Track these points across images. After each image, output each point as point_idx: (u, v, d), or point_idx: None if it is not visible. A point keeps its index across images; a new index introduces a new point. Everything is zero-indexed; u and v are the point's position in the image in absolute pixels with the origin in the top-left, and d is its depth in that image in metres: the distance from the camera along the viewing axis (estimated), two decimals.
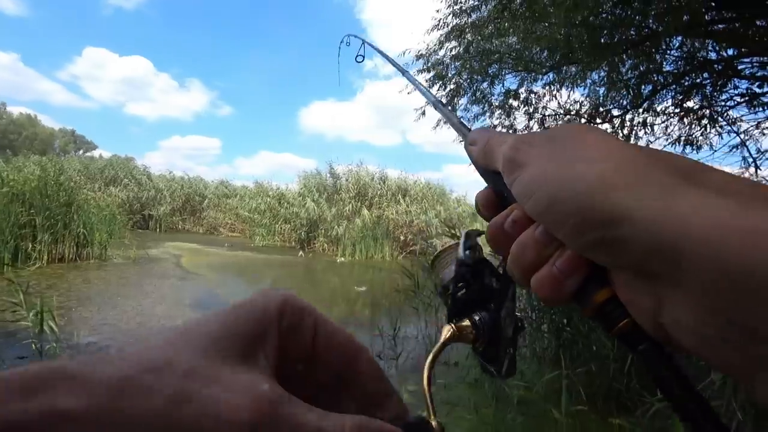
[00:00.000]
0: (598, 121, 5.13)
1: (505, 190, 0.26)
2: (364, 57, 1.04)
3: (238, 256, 12.52)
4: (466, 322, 0.32)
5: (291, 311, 0.23)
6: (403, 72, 0.71)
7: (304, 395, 0.20)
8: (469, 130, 0.35)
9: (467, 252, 0.32)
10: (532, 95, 5.39)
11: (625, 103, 4.94)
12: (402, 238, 14.85)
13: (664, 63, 4.74)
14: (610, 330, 0.21)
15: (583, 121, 5.15)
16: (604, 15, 4.21)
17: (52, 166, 9.93)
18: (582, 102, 5.32)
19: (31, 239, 8.01)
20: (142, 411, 0.17)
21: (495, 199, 0.27)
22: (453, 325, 0.32)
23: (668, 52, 4.61)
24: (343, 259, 13.31)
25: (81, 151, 48.15)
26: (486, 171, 0.29)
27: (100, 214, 9.78)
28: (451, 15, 5.19)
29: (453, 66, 5.34)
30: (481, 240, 0.34)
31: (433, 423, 0.24)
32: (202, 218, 19.83)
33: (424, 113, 5.47)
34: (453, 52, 5.27)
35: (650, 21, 4.26)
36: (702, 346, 0.17)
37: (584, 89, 5.28)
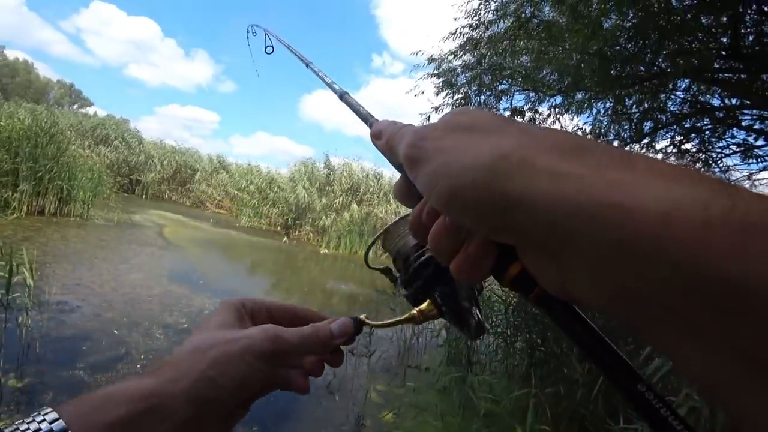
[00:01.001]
0: None
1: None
2: (273, 48, 1.05)
3: (221, 234, 12.39)
4: (427, 303, 0.38)
5: (249, 303, 0.40)
6: (307, 64, 0.73)
7: None
8: (375, 120, 0.36)
9: None
10: (537, 115, 5.44)
11: (626, 136, 5.02)
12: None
13: (669, 103, 4.84)
14: (527, 297, 0.24)
15: None
16: (617, 47, 4.27)
17: (45, 116, 9.69)
18: (584, 129, 5.39)
19: (12, 188, 7.80)
20: (213, 355, 0.32)
21: (409, 188, 0.28)
22: (416, 310, 0.38)
23: (674, 92, 4.70)
24: (326, 250, 13.27)
25: (75, 106, 47.10)
26: (395, 164, 0.31)
27: (88, 172, 9.58)
28: (468, 27, 5.21)
29: (463, 76, 5.36)
30: None
31: (362, 316, 0.40)
32: (191, 191, 19.56)
33: (428, 119, 5.49)
34: (465, 62, 5.28)
35: (660, 60, 4.34)
36: (602, 305, 0.19)
37: (588, 117, 5.35)
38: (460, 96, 5.42)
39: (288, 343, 0.35)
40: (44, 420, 0.26)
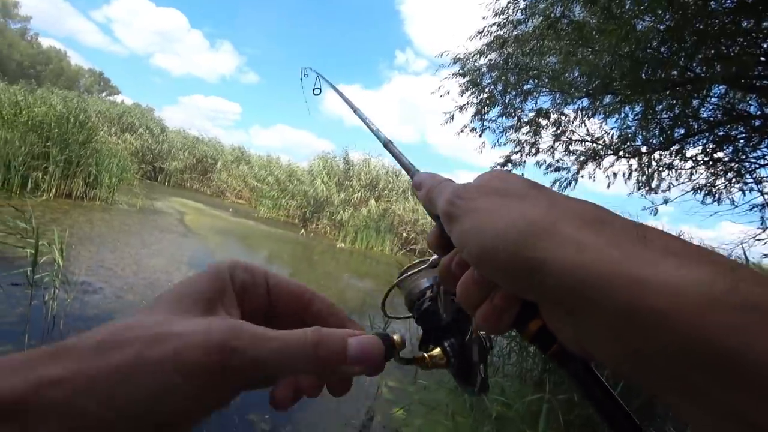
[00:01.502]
0: (624, 155, 5.08)
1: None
2: (321, 89, 1.06)
3: (240, 224, 12.57)
4: (438, 351, 0.37)
5: (242, 272, 0.29)
6: (355, 110, 0.75)
7: None
8: (417, 171, 0.39)
9: (436, 276, 0.36)
10: (563, 117, 5.35)
11: (654, 142, 4.89)
12: (404, 234, 14.85)
13: (701, 109, 4.68)
14: (546, 353, 0.25)
15: (609, 153, 5.11)
16: (649, 50, 4.16)
17: (76, 103, 9.97)
18: (611, 133, 5.28)
19: (42, 171, 8.05)
20: (120, 359, 0.21)
21: (443, 238, 0.30)
22: (426, 354, 0.37)
23: (708, 99, 4.55)
24: (343, 245, 13.33)
25: (104, 94, 48.34)
26: (432, 215, 0.33)
27: (114, 158, 9.82)
28: (496, 25, 5.14)
29: (489, 75, 5.30)
30: None
31: (395, 336, 0.30)
32: (211, 180, 19.89)
33: (452, 118, 5.45)
34: (491, 61, 5.22)
35: (695, 65, 4.20)
36: (614, 365, 0.20)
37: (616, 121, 5.23)
38: (484, 96, 5.36)
39: (248, 361, 0.23)
40: None
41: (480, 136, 5.87)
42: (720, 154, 4.87)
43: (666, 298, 0.18)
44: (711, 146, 4.82)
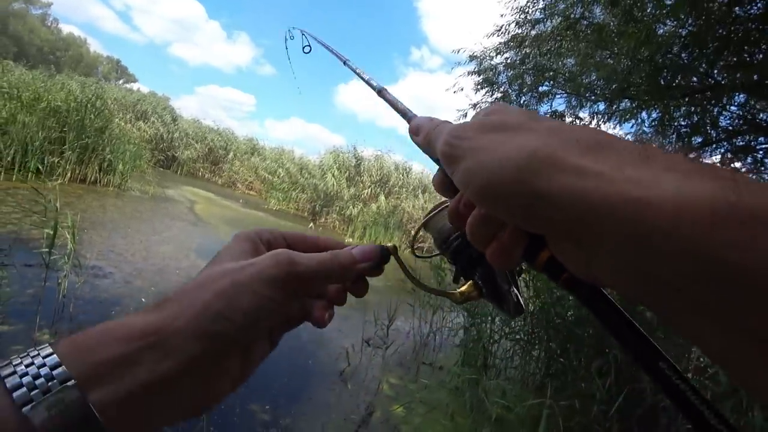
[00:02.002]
0: None
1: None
2: (311, 47, 1.07)
3: (250, 215, 12.65)
4: (467, 285, 0.40)
5: (265, 233, 0.38)
6: (344, 61, 0.76)
7: None
8: (414, 116, 0.38)
9: None
10: (578, 121, 5.28)
11: (671, 149, 4.80)
12: (413, 232, 14.81)
13: (721, 117, 4.59)
14: (557, 281, 0.25)
15: None
16: (669, 55, 4.08)
17: (93, 90, 10.09)
18: (626, 139, 5.20)
19: (58, 155, 8.18)
20: (220, 286, 0.30)
21: (447, 181, 0.30)
22: (458, 290, 0.40)
23: (728, 107, 4.46)
24: (351, 240, 13.35)
25: (121, 81, 48.91)
26: (432, 158, 0.33)
27: (129, 145, 9.94)
28: (514, 23, 5.08)
29: (505, 74, 5.25)
30: None
31: (388, 244, 0.39)
32: (223, 170, 20.03)
33: (465, 115, 5.41)
34: (507, 60, 5.17)
35: (716, 72, 4.12)
36: (623, 288, 0.21)
37: (632, 126, 5.15)
38: (499, 94, 5.31)
39: (303, 267, 0.32)
40: (38, 354, 0.25)
41: None
42: (738, 164, 4.77)
43: (670, 216, 0.18)
44: (729, 156, 4.73)
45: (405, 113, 0.44)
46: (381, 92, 0.55)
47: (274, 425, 2.68)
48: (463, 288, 0.40)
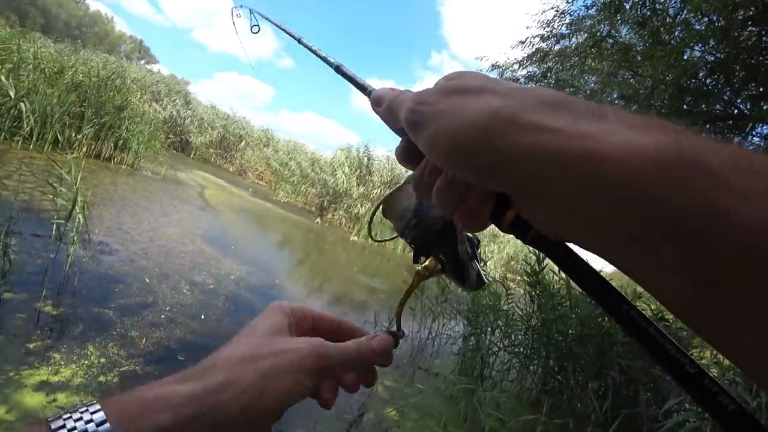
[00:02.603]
0: None
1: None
2: (259, 27, 1.04)
3: (258, 205, 12.70)
4: (430, 260, 0.41)
5: (297, 310, 0.40)
6: (298, 40, 0.74)
7: None
8: (373, 89, 0.39)
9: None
10: None
11: None
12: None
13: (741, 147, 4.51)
14: (524, 239, 0.26)
15: None
16: (694, 80, 4.04)
17: (114, 67, 10.19)
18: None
19: (76, 130, 8.27)
20: (263, 366, 0.32)
21: (411, 150, 0.31)
22: (420, 266, 0.41)
23: (750, 137, 4.40)
24: (356, 238, 13.36)
25: (143, 62, 49.37)
26: (395, 128, 0.34)
27: (145, 125, 10.02)
28: (539, 37, 5.06)
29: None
30: None
31: (398, 331, 0.41)
32: (235, 158, 20.13)
33: None
34: (530, 73, 5.14)
35: (739, 101, 4.07)
36: (583, 241, 0.22)
37: None
38: None
39: (335, 360, 0.35)
40: (92, 421, 0.26)
41: None
42: None
43: (620, 165, 0.19)
44: None
45: (365, 88, 0.44)
46: (338, 68, 0.56)
47: None
48: (427, 263, 0.41)
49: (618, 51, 4.36)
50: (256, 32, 1.05)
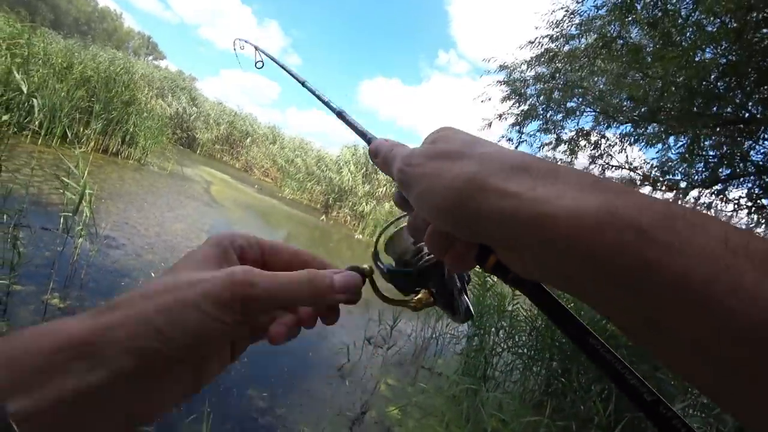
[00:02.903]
0: (661, 188, 4.91)
1: None
2: (263, 63, 1.03)
3: (264, 201, 12.74)
4: (423, 293, 0.43)
5: (239, 239, 0.36)
6: (303, 83, 0.77)
7: None
8: (373, 138, 0.42)
9: None
10: (603, 140, 5.20)
11: (696, 178, 4.70)
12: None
13: (752, 151, 4.46)
14: (505, 280, 0.29)
15: (646, 184, 4.95)
16: (705, 83, 3.99)
17: (123, 63, 10.24)
18: (651, 163, 5.10)
19: (84, 124, 8.32)
20: (162, 301, 0.28)
21: (405, 199, 0.34)
22: (415, 298, 0.43)
23: (761, 141, 4.34)
24: (361, 236, 13.36)
25: (151, 57, 49.61)
26: (390, 176, 0.36)
27: (152, 121, 10.06)
28: (548, 38, 5.02)
29: (534, 87, 5.19)
30: None
31: (365, 266, 0.39)
32: (241, 154, 20.18)
33: (490, 125, 5.37)
34: (538, 73, 5.11)
35: (751, 104, 4.02)
36: (554, 284, 0.25)
37: (657, 152, 5.05)
38: (526, 107, 5.26)
39: (261, 290, 0.30)
40: None
41: (516, 148, 5.74)
42: (765, 201, 4.64)
43: (564, 225, 0.22)
44: (757, 191, 4.60)
45: (365, 134, 0.48)
46: (340, 114, 0.59)
47: (269, 413, 2.69)
48: (420, 296, 0.43)
49: (628, 52, 4.32)
50: (260, 68, 1.07)
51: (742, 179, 4.55)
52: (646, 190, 5.31)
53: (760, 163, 4.43)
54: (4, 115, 5.92)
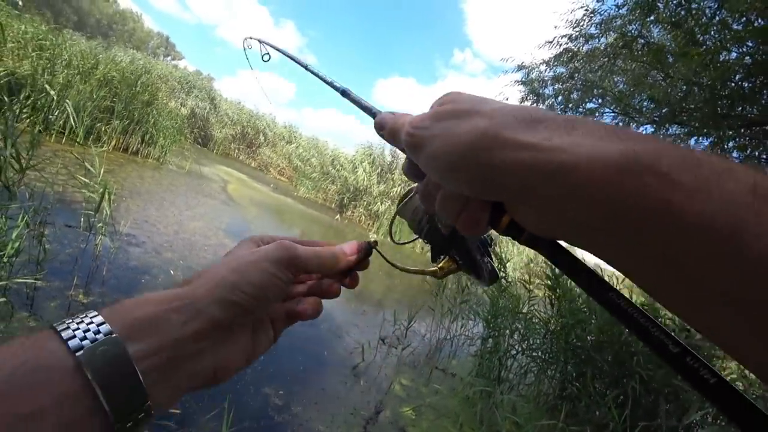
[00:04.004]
0: None
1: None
2: (270, 55, 1.08)
3: (279, 200, 12.85)
4: (445, 260, 0.44)
5: (267, 238, 0.43)
6: (306, 66, 0.79)
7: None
8: (379, 112, 0.42)
9: None
10: None
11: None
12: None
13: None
14: (519, 240, 0.29)
15: None
16: (730, 83, 3.89)
17: (143, 64, 10.44)
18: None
19: (106, 123, 8.51)
20: (233, 264, 0.37)
21: (414, 167, 0.34)
22: (437, 266, 0.44)
23: None
24: (375, 236, 13.34)
25: (169, 58, 50.44)
26: (399, 148, 0.36)
27: (171, 120, 10.24)
28: (566, 37, 4.96)
29: (552, 87, 5.13)
30: None
31: (371, 238, 0.45)
32: (257, 153, 20.39)
33: None
34: (557, 74, 5.04)
35: None
36: (567, 237, 0.25)
37: None
38: (544, 107, 5.20)
39: (302, 251, 0.39)
40: (86, 316, 0.30)
41: None
42: None
43: (585, 173, 0.22)
44: None
45: (370, 110, 0.47)
46: (345, 93, 0.59)
47: (286, 410, 2.72)
48: (442, 264, 0.44)
49: (650, 52, 4.24)
50: (267, 60, 1.10)
51: None
52: None
53: None
54: (31, 115, 6.10)
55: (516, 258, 14.74)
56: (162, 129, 9.68)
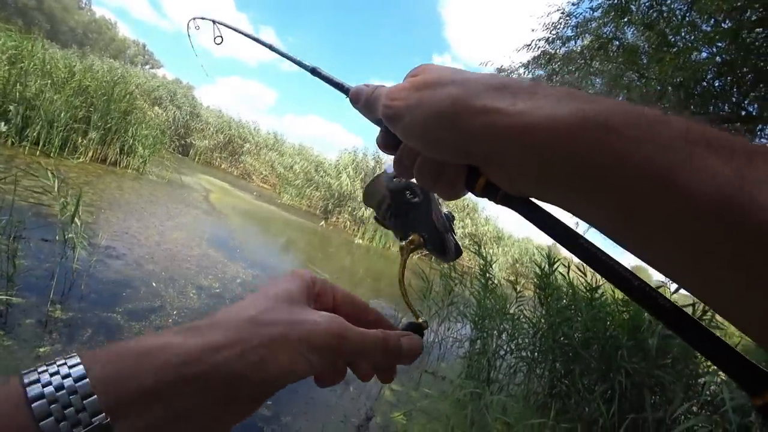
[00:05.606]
0: None
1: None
2: (222, 38, 1.03)
3: (263, 208, 12.73)
4: (413, 236, 0.44)
5: (319, 282, 0.38)
6: (270, 46, 0.78)
7: None
8: (350, 87, 0.42)
9: (394, 180, 0.44)
10: None
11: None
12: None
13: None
14: (495, 200, 0.31)
15: None
16: (703, 83, 4.01)
17: (120, 73, 10.25)
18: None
19: (82, 134, 8.32)
20: (272, 333, 0.30)
21: (390, 137, 0.35)
22: (403, 242, 0.44)
23: (759, 139, 4.36)
24: (361, 241, 13.36)
25: (147, 66, 49.71)
26: (373, 120, 0.38)
27: (150, 130, 10.07)
28: (544, 40, 5.05)
29: None
30: None
31: (420, 320, 0.41)
32: (239, 161, 20.17)
33: None
34: (535, 77, 5.12)
35: (747, 102, 4.04)
36: (537, 194, 0.28)
37: None
38: None
39: (352, 344, 0.33)
40: (69, 376, 0.24)
41: None
42: None
43: (545, 132, 0.24)
44: None
45: (342, 86, 0.47)
46: (314, 70, 0.58)
47: (274, 421, 2.67)
48: (411, 238, 0.44)
49: (624, 53, 4.34)
50: (219, 43, 1.05)
51: None
52: None
53: None
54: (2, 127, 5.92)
55: (501, 259, 14.88)
56: (141, 139, 9.50)
